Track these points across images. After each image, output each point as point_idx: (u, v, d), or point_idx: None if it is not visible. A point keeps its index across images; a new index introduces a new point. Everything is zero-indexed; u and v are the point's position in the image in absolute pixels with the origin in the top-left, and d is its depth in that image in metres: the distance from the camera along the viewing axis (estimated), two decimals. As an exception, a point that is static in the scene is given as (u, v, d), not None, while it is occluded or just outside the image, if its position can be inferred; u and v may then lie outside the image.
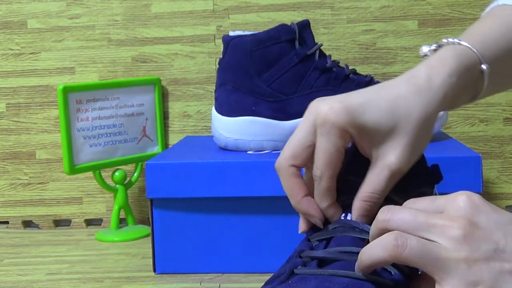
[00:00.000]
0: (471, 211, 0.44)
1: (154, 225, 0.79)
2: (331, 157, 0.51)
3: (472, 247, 0.43)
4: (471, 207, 0.44)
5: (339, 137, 0.51)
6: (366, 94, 0.52)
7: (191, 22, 1.04)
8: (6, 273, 0.82)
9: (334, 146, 0.51)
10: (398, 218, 0.45)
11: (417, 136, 0.51)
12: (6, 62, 1.06)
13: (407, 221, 0.44)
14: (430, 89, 0.52)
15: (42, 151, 1.06)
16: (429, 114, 0.52)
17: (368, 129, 0.51)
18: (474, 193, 0.45)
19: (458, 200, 0.45)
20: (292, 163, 0.52)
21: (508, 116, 1.01)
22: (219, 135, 0.86)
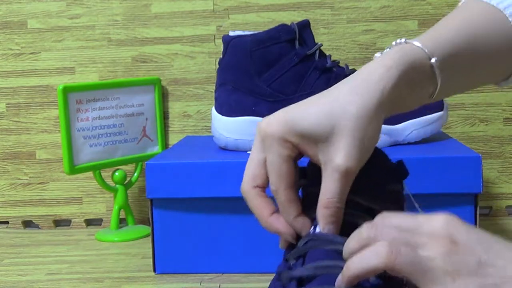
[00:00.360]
0: (451, 230, 0.44)
1: (154, 225, 0.79)
2: (280, 169, 0.51)
3: (455, 262, 0.43)
4: (451, 226, 0.45)
5: (283, 148, 0.51)
6: (306, 102, 0.53)
7: (191, 22, 1.04)
8: (6, 273, 0.82)
9: (279, 157, 0.51)
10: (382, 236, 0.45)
11: (358, 134, 0.51)
12: (6, 62, 1.06)
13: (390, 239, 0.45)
14: (367, 85, 0.52)
15: (42, 151, 1.06)
16: (366, 109, 0.51)
17: (308, 136, 0.51)
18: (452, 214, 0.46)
19: (437, 219, 0.45)
20: (253, 184, 0.53)
21: (508, 116, 1.01)
22: (219, 135, 0.86)
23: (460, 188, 0.75)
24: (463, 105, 1.01)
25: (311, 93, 0.84)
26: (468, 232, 0.45)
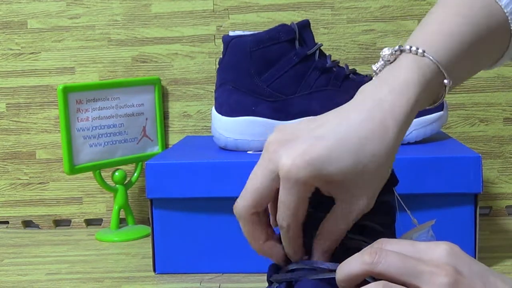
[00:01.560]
0: (455, 260, 0.44)
1: (154, 225, 0.79)
2: (297, 208, 0.49)
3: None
4: (454, 256, 0.44)
5: (305, 191, 0.49)
6: (330, 140, 0.49)
7: (191, 22, 1.04)
8: (6, 273, 0.82)
9: (299, 198, 0.49)
10: (386, 262, 0.44)
11: (383, 174, 0.50)
12: (6, 62, 1.06)
13: (395, 266, 0.44)
14: (394, 124, 0.50)
15: (42, 151, 1.06)
16: (390, 147, 0.50)
17: (334, 179, 0.49)
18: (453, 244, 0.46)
19: (440, 248, 0.45)
20: (253, 211, 0.51)
21: (508, 116, 1.01)
22: (219, 135, 0.86)
23: (460, 188, 0.75)
24: (463, 105, 1.01)
25: (311, 93, 0.85)
26: (470, 264, 0.45)
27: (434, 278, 0.43)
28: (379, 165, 0.49)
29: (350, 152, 0.49)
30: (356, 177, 0.49)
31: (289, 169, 0.48)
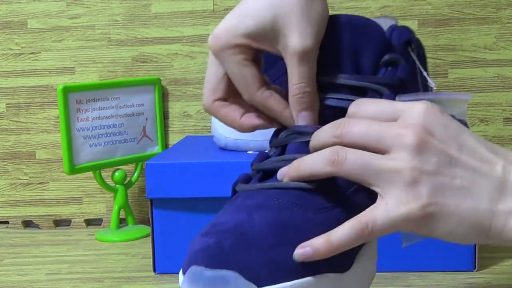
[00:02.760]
0: (429, 119, 0.43)
1: (154, 225, 0.79)
2: (242, 74, 0.51)
3: (423, 157, 0.42)
4: (430, 115, 0.43)
5: (235, 54, 0.50)
6: (240, 6, 0.51)
7: (191, 22, 1.04)
8: (6, 273, 0.82)
9: (237, 64, 0.51)
10: (350, 133, 0.44)
11: (301, 11, 0.50)
12: (6, 62, 1.06)
13: (359, 135, 0.44)
14: None
15: (42, 151, 1.06)
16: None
17: (254, 33, 0.50)
18: (435, 105, 0.45)
19: (416, 107, 0.44)
20: (214, 98, 0.53)
21: (508, 116, 1.01)
22: (219, 135, 0.86)
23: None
24: (463, 105, 1.01)
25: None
26: (446, 125, 0.43)
27: (399, 139, 0.43)
28: (290, 4, 0.50)
29: (260, 4, 0.50)
30: (273, 24, 0.50)
31: (213, 41, 0.51)
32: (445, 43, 1.01)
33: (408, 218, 0.42)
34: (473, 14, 1.00)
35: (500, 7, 1.00)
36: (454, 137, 0.43)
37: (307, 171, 0.45)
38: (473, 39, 1.00)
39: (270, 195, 0.47)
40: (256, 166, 0.51)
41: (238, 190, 0.50)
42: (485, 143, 0.44)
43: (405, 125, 0.43)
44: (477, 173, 0.43)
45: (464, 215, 0.42)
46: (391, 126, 0.43)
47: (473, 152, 0.43)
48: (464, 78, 1.01)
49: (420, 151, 0.42)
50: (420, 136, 0.42)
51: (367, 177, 0.43)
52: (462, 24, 1.00)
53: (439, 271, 0.77)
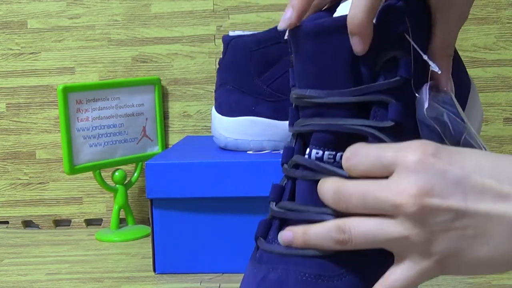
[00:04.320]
0: (425, 175, 0.40)
1: (154, 225, 0.79)
2: None
3: (427, 222, 0.41)
4: (424, 167, 0.41)
5: None
6: None
7: (191, 22, 1.04)
8: (6, 273, 0.82)
9: None
10: (350, 207, 0.43)
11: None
12: (6, 62, 1.06)
13: (358, 207, 0.43)
14: None
15: (42, 151, 1.06)
16: None
17: None
18: (427, 144, 0.42)
19: (408, 160, 0.41)
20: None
21: (508, 116, 1.01)
22: (219, 135, 0.86)
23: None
24: (463, 105, 1.01)
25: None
26: (444, 173, 0.40)
27: (400, 209, 0.41)
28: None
29: None
30: None
31: None
32: (445, 43, 1.00)
33: (427, 273, 0.42)
34: (473, 14, 1.00)
35: (500, 7, 1.00)
36: (456, 185, 0.41)
37: (312, 244, 0.45)
38: (473, 39, 1.00)
39: (291, 266, 0.46)
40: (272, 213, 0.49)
41: (260, 247, 0.49)
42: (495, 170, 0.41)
43: (401, 191, 0.41)
44: (490, 217, 0.40)
45: (484, 261, 0.41)
46: (386, 193, 0.41)
47: (481, 193, 0.41)
48: (464, 78, 1.01)
49: (423, 217, 0.41)
50: (419, 203, 0.40)
51: (378, 245, 0.43)
52: (462, 24, 1.00)
53: (439, 271, 0.77)
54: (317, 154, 0.47)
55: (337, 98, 0.45)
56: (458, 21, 0.48)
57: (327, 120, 0.46)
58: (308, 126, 0.47)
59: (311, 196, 0.46)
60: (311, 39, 0.46)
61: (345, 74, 0.45)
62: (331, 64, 0.45)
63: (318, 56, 0.46)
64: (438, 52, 0.48)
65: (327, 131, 0.46)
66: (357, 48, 0.44)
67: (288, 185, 0.49)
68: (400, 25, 0.45)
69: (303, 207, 0.47)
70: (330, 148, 0.47)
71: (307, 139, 0.48)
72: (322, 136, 0.47)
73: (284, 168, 0.50)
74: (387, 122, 0.45)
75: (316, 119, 0.47)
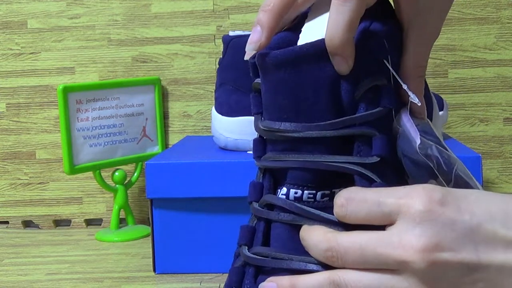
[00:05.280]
0: (432, 226, 0.37)
1: (154, 225, 0.79)
2: None
3: (436, 277, 0.37)
4: (431, 217, 0.37)
5: None
6: None
7: (191, 22, 1.04)
8: (6, 273, 0.82)
9: None
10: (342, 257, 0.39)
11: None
12: (6, 62, 1.06)
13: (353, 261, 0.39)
14: None
15: (42, 151, 1.06)
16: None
17: None
18: (432, 190, 0.38)
19: (412, 210, 0.37)
20: None
21: (508, 116, 1.01)
22: (219, 135, 0.86)
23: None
24: (463, 105, 1.01)
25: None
26: (452, 224, 0.37)
27: (407, 266, 0.37)
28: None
29: None
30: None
31: None
32: (445, 43, 1.01)
33: None
34: (473, 14, 1.00)
35: (500, 7, 1.00)
36: (466, 236, 0.37)
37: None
38: (473, 39, 1.00)
39: None
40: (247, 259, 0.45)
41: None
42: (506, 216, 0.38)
43: (406, 246, 0.37)
44: (502, 268, 0.37)
45: None
46: (388, 248, 0.37)
47: (493, 244, 0.37)
48: (464, 78, 1.01)
49: (432, 273, 0.37)
50: (428, 259, 0.37)
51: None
52: (462, 24, 1.00)
53: (439, 271, 0.77)
54: (296, 194, 0.42)
55: (316, 133, 0.41)
56: (430, 39, 0.45)
57: (305, 157, 0.41)
58: (283, 162, 0.42)
59: (291, 242, 0.42)
60: (284, 68, 0.41)
61: (324, 105, 0.41)
62: (308, 95, 0.41)
63: (293, 86, 0.41)
64: (411, 73, 0.44)
65: (306, 169, 0.42)
66: (341, 68, 0.40)
67: (260, 227, 0.44)
68: (380, 51, 0.42)
69: (284, 254, 0.42)
70: (310, 187, 0.42)
71: (280, 176, 0.43)
72: (300, 174, 0.42)
73: (253, 208, 0.44)
74: (373, 158, 0.41)
75: (292, 155, 0.42)
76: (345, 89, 0.41)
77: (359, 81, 0.41)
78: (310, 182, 0.42)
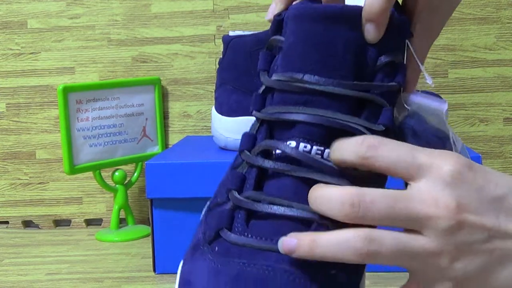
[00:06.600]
0: (461, 188, 0.38)
1: (154, 225, 0.79)
2: None
3: (459, 239, 0.38)
4: (460, 179, 0.38)
5: None
6: None
7: (191, 22, 1.04)
8: (6, 273, 0.82)
9: None
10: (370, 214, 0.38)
11: None
12: (6, 62, 1.06)
13: (381, 217, 0.38)
14: None
15: (42, 151, 1.06)
16: None
17: None
18: (461, 158, 0.39)
19: (443, 169, 0.38)
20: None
21: (508, 116, 1.01)
22: (219, 135, 0.86)
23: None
24: (463, 105, 1.02)
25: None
26: (479, 190, 0.38)
27: (432, 222, 0.38)
28: None
29: None
30: None
31: None
32: (445, 43, 1.01)
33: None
34: (473, 14, 1.00)
35: (500, 7, 1.00)
36: (490, 202, 0.39)
37: (319, 255, 0.39)
38: (473, 39, 1.00)
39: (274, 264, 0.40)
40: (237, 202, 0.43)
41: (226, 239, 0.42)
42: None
43: (436, 203, 0.38)
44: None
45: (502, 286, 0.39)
46: (418, 204, 0.38)
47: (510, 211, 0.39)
48: (464, 78, 1.01)
49: (457, 234, 0.38)
50: (454, 218, 0.38)
51: (399, 261, 0.39)
52: (462, 24, 1.00)
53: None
54: (305, 148, 0.42)
55: (338, 89, 0.42)
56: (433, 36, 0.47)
57: (317, 111, 0.42)
58: (295, 114, 0.42)
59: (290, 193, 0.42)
60: (320, 22, 0.42)
61: (349, 65, 0.42)
62: (338, 52, 0.42)
63: (325, 41, 0.42)
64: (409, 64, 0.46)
65: (318, 125, 0.42)
66: (372, 35, 0.42)
67: (251, 174, 0.43)
68: (404, 31, 0.44)
69: (284, 200, 0.41)
70: (319, 144, 0.42)
71: (282, 129, 0.43)
72: (310, 129, 0.42)
73: (246, 154, 0.44)
74: (379, 126, 0.43)
75: (305, 109, 0.42)
76: (369, 57, 0.43)
77: (382, 53, 0.43)
78: (320, 138, 0.42)
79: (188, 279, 0.42)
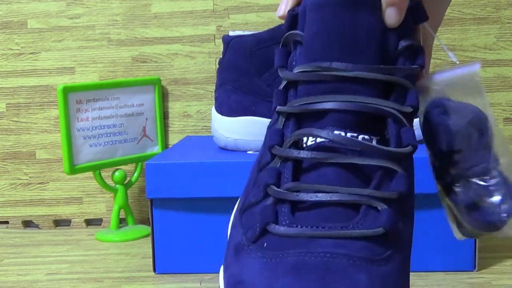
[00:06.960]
0: None
1: (154, 225, 0.79)
2: None
3: None
4: None
5: None
6: None
7: (191, 22, 1.04)
8: (6, 273, 0.82)
9: None
10: None
11: None
12: (6, 62, 1.06)
13: None
14: None
15: (42, 151, 1.06)
16: None
17: None
18: None
19: None
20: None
21: (508, 116, 1.01)
22: (219, 135, 0.86)
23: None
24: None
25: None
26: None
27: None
28: None
29: None
30: None
31: None
32: (445, 43, 1.01)
33: None
34: (473, 14, 1.00)
35: (500, 7, 1.00)
36: None
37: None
38: (473, 39, 1.00)
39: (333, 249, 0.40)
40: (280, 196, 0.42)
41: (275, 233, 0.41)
42: None
43: None
44: None
45: None
46: None
47: None
48: (464, 78, 1.01)
49: None
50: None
51: None
52: (462, 24, 1.00)
53: (439, 271, 0.77)
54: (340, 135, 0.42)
55: (366, 74, 0.42)
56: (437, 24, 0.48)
57: (348, 97, 0.42)
58: (326, 103, 0.42)
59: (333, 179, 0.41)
60: (343, 10, 0.43)
61: (373, 51, 0.43)
62: (362, 39, 0.42)
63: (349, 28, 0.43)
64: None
65: (349, 111, 0.42)
66: (393, 20, 0.43)
67: (287, 167, 0.43)
68: (422, 15, 0.46)
69: (330, 187, 0.41)
70: (352, 130, 0.42)
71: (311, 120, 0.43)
72: (342, 116, 0.42)
73: (277, 149, 0.44)
74: (407, 108, 0.43)
75: (335, 96, 0.42)
76: (390, 41, 0.43)
77: (401, 38, 0.44)
78: (353, 124, 0.42)
79: (239, 279, 0.42)
